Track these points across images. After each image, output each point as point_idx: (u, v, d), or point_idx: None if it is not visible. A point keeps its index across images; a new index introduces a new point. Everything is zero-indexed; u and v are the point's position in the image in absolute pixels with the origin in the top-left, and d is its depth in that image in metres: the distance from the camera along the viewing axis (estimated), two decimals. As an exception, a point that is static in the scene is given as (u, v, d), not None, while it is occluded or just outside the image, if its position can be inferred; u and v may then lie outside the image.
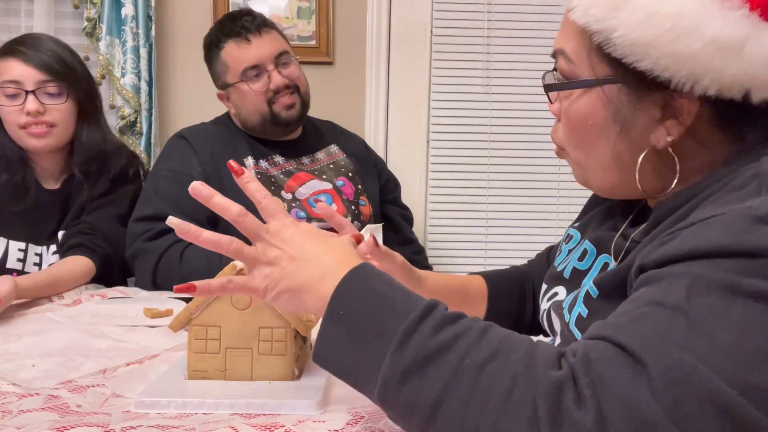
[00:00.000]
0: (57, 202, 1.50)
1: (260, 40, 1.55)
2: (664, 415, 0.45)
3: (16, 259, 1.44)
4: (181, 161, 1.55)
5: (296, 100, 1.58)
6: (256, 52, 1.55)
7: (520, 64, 2.12)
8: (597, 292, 0.70)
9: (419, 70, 2.13)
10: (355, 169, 1.70)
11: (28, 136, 1.43)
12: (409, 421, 0.53)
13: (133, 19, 1.98)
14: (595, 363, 0.48)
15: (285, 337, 0.75)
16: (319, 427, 0.64)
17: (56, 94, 1.44)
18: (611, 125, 0.68)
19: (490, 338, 0.53)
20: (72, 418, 0.66)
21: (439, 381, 0.51)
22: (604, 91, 0.67)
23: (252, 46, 1.55)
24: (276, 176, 1.59)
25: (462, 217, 2.16)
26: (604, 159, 0.70)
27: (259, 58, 1.55)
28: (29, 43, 1.45)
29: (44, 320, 1.09)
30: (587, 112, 0.69)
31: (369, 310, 0.56)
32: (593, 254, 0.79)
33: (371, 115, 2.12)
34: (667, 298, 0.51)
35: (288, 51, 1.59)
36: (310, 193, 1.58)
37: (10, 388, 0.75)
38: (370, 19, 2.10)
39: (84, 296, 1.28)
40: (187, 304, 0.77)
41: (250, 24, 1.56)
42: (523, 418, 0.48)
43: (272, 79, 1.55)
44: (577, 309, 0.72)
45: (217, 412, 0.68)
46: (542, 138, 2.14)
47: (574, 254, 0.83)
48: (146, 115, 2.01)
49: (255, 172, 1.56)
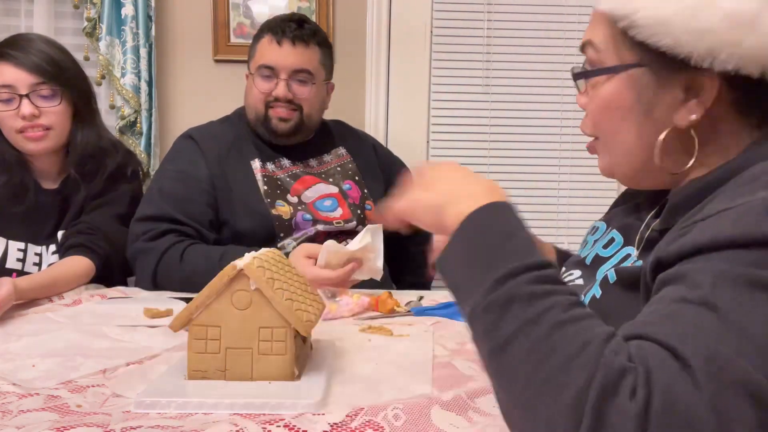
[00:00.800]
0: (56, 201, 1.50)
1: (291, 48, 1.57)
2: (705, 407, 0.46)
3: (16, 259, 1.44)
4: (189, 162, 1.56)
5: (293, 117, 1.58)
6: (278, 57, 1.57)
7: (520, 64, 2.12)
8: (615, 278, 0.72)
9: (419, 70, 2.13)
10: (360, 171, 1.70)
11: (24, 140, 1.43)
12: (481, 348, 0.57)
13: (133, 19, 1.98)
14: (649, 360, 0.50)
15: (285, 337, 0.75)
16: (318, 419, 0.64)
17: (50, 96, 1.43)
18: (636, 107, 0.71)
19: (579, 309, 0.55)
20: (72, 418, 0.66)
21: (518, 321, 0.54)
22: (629, 75, 0.71)
23: (279, 50, 1.57)
24: (282, 179, 1.59)
25: (462, 217, 2.16)
26: (629, 142, 0.73)
27: (277, 64, 1.56)
28: (20, 45, 1.44)
29: (44, 320, 1.09)
30: (613, 95, 0.72)
31: (492, 240, 0.61)
32: (619, 243, 0.82)
33: (371, 115, 2.12)
34: (692, 295, 0.53)
35: (311, 72, 1.59)
36: (316, 197, 1.59)
37: (10, 388, 0.75)
38: (370, 19, 2.10)
39: (84, 296, 1.28)
40: (187, 304, 0.77)
41: (291, 31, 1.57)
42: (575, 385, 0.49)
43: (278, 88, 1.57)
44: (592, 291, 0.75)
45: (217, 412, 0.68)
46: (542, 138, 2.14)
47: (600, 242, 0.85)
48: (146, 115, 2.01)
49: (261, 175, 1.57)
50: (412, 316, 1.16)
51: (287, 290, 0.77)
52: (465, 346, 0.96)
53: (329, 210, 1.59)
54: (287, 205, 1.55)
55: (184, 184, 1.50)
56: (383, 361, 0.87)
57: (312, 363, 0.83)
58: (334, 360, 0.86)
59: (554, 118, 2.12)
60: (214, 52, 2.10)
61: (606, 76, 0.73)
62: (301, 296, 0.80)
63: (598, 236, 0.88)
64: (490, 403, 0.70)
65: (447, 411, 0.68)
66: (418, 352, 0.91)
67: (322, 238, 1.50)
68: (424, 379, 0.80)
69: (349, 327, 1.07)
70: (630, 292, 0.69)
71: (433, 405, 0.69)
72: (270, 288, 0.74)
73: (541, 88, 2.11)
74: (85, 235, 1.44)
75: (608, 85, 0.73)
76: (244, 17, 2.10)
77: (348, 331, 1.04)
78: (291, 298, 0.76)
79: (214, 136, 1.62)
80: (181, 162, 1.57)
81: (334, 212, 1.58)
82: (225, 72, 2.11)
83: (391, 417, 0.65)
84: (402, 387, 0.77)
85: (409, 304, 1.22)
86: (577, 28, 2.10)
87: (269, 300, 0.74)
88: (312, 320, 0.78)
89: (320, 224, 1.54)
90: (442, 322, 1.09)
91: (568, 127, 2.12)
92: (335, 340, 0.95)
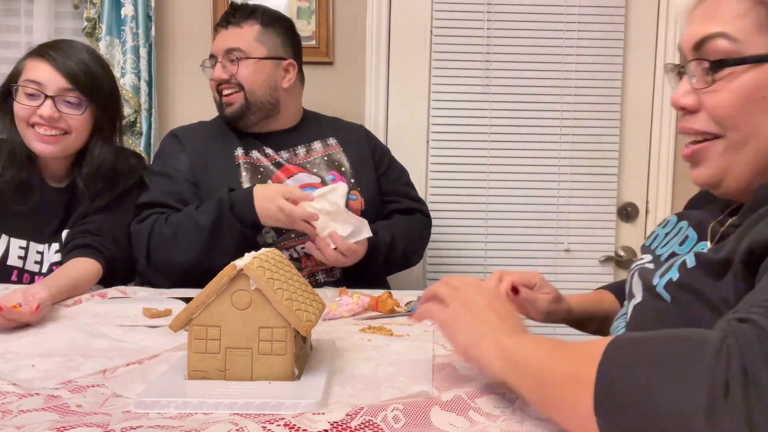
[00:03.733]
0: (62, 200, 1.50)
1: (225, 32, 1.62)
2: None
3: (17, 257, 1.44)
4: (170, 157, 1.62)
5: (238, 99, 1.61)
6: (216, 43, 1.64)
7: (520, 64, 2.12)
8: (695, 263, 0.73)
9: (419, 70, 2.13)
10: (350, 161, 1.69)
11: (34, 137, 1.43)
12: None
13: (132, 19, 1.98)
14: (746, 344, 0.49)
15: (285, 337, 0.75)
16: (318, 418, 0.64)
17: (75, 104, 1.44)
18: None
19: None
20: (72, 418, 0.66)
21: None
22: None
23: (218, 36, 1.64)
24: (265, 166, 1.61)
25: (462, 217, 2.16)
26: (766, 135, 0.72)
27: (215, 50, 1.63)
28: (62, 48, 1.45)
29: (44, 320, 1.09)
30: (760, 84, 0.71)
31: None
32: (693, 240, 0.83)
33: (371, 115, 2.12)
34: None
35: (242, 49, 1.60)
36: (297, 186, 1.58)
37: (10, 388, 0.75)
38: (370, 19, 2.10)
39: (84, 296, 1.28)
40: (187, 304, 0.77)
41: (225, 17, 1.63)
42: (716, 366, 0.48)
43: (214, 71, 1.63)
44: (669, 275, 0.76)
45: (217, 412, 0.68)
46: (542, 138, 2.14)
47: (676, 239, 0.87)
48: (146, 115, 2.01)
49: (243, 162, 1.60)
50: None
51: (287, 290, 0.77)
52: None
53: None
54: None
55: (167, 177, 1.57)
56: (383, 361, 0.87)
57: (312, 363, 0.83)
58: (334, 360, 0.86)
59: (554, 118, 2.12)
60: (214, 52, 2.10)
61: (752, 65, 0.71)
62: (301, 296, 0.80)
63: (669, 228, 0.90)
64: (491, 403, 0.70)
65: (447, 411, 0.68)
66: (418, 352, 0.91)
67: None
68: (424, 379, 0.80)
69: (349, 327, 1.07)
70: (708, 276, 0.71)
71: (433, 405, 0.69)
72: (270, 288, 0.74)
73: (541, 88, 2.11)
74: (93, 236, 1.44)
75: (751, 75, 0.71)
76: (244, 17, 2.09)
77: (348, 331, 1.04)
78: (291, 298, 0.76)
79: (197, 131, 1.68)
80: (163, 159, 1.63)
81: None
82: (225, 72, 2.11)
83: (390, 419, 0.65)
84: (402, 387, 0.77)
85: (409, 304, 1.22)
86: (577, 28, 2.10)
87: (269, 300, 0.74)
88: (312, 320, 0.78)
89: None
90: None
91: (568, 127, 2.12)
92: (335, 340, 0.95)
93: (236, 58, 1.60)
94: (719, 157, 0.76)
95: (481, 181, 2.15)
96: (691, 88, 0.77)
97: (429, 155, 2.15)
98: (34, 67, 1.42)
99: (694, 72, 0.77)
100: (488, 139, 2.15)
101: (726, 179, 0.77)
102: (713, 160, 0.77)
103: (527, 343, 0.65)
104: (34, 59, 1.44)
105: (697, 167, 0.80)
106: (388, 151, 1.85)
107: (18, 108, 1.43)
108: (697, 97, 0.76)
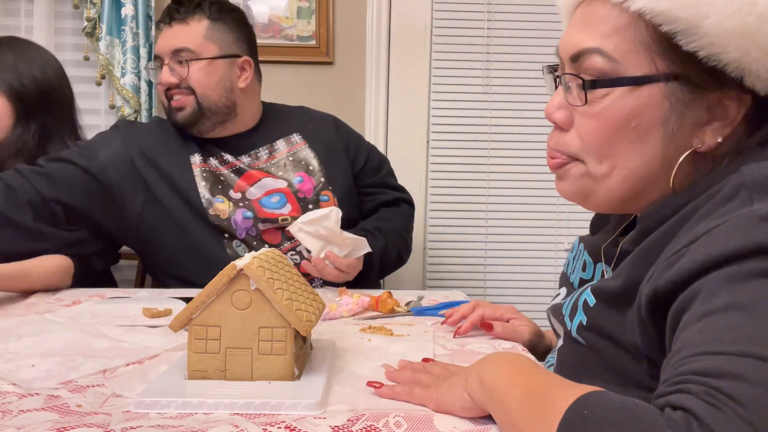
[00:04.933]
0: None
1: (170, 30, 1.45)
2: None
3: None
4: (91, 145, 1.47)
5: (189, 103, 1.45)
6: (159, 43, 1.47)
7: (520, 64, 2.12)
8: (594, 300, 0.70)
9: (419, 70, 2.13)
10: (318, 158, 1.56)
11: None
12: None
13: (133, 19, 1.98)
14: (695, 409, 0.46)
15: (285, 337, 0.75)
16: (320, 423, 0.64)
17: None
18: (658, 126, 0.64)
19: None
20: (72, 418, 0.65)
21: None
22: (659, 88, 0.63)
23: (161, 35, 1.47)
24: (225, 175, 1.49)
25: (462, 217, 2.16)
26: (634, 165, 0.66)
27: (160, 50, 1.47)
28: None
29: (44, 320, 1.09)
30: (633, 111, 0.64)
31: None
32: (591, 264, 0.80)
33: (371, 115, 2.12)
34: (713, 305, 0.50)
35: (191, 49, 1.43)
36: (262, 194, 1.48)
37: (10, 388, 0.75)
38: (370, 19, 2.10)
39: (83, 296, 1.28)
40: (187, 304, 0.77)
41: (168, 12, 1.45)
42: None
43: (161, 75, 1.46)
44: (578, 317, 0.73)
45: (217, 412, 0.68)
46: (542, 138, 2.14)
47: (578, 264, 0.84)
48: (146, 115, 2.01)
49: (201, 170, 1.47)
50: (412, 316, 1.16)
51: (287, 290, 0.77)
52: (465, 346, 0.96)
53: (276, 206, 1.47)
54: (227, 201, 1.45)
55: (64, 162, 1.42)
56: (383, 361, 0.87)
57: (312, 363, 0.83)
58: (334, 360, 0.86)
59: (554, 118, 2.12)
60: (214, 52, 2.10)
61: (628, 87, 0.64)
62: (301, 296, 0.80)
63: (575, 253, 0.87)
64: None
65: (450, 415, 0.68)
66: (418, 352, 0.91)
67: (269, 236, 1.45)
68: (424, 379, 0.80)
69: (349, 327, 1.07)
70: (612, 310, 0.67)
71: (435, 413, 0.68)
72: (270, 288, 0.74)
73: (541, 88, 2.10)
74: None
75: (627, 100, 0.64)
76: (244, 17, 2.09)
77: (348, 331, 1.04)
78: (291, 298, 0.76)
79: (149, 129, 1.52)
80: (88, 143, 1.48)
81: (282, 209, 1.47)
82: (225, 72, 2.11)
83: (392, 424, 0.65)
84: (402, 387, 0.77)
85: (409, 304, 1.22)
86: (577, 28, 2.10)
87: (269, 300, 0.74)
88: (312, 320, 0.78)
89: (262, 223, 1.44)
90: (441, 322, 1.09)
91: (568, 127, 2.12)
92: (335, 340, 0.95)
93: (185, 59, 1.43)
94: (580, 179, 0.71)
95: (481, 181, 2.15)
96: (564, 101, 0.71)
97: (429, 155, 2.15)
98: None
99: (570, 85, 0.70)
100: (488, 139, 2.15)
101: (590, 200, 0.72)
102: (576, 181, 0.72)
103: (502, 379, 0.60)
104: None
105: (560, 181, 0.74)
106: (361, 139, 1.71)
107: None
108: (569, 114, 0.70)
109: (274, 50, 2.06)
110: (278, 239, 1.47)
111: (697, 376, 0.47)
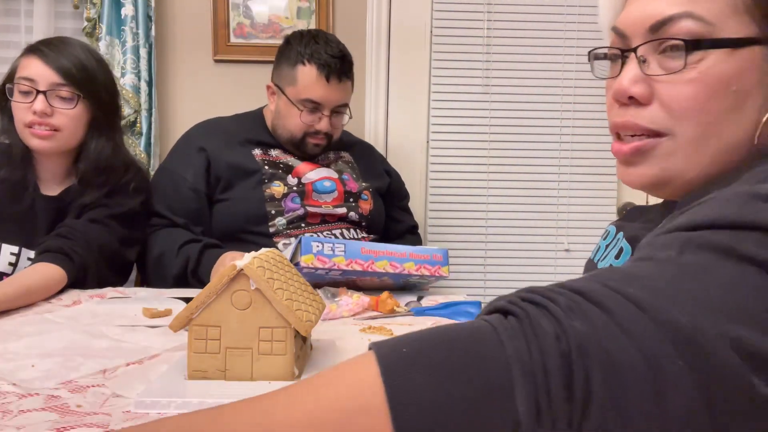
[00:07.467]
0: (51, 209, 1.47)
1: (337, 86, 1.61)
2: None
3: (8, 263, 1.41)
4: (179, 161, 1.65)
5: (325, 143, 1.66)
6: (325, 94, 1.61)
7: (520, 64, 2.12)
8: None
9: (419, 70, 2.13)
10: (360, 172, 1.76)
11: (31, 135, 1.43)
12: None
13: (133, 19, 1.98)
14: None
15: (285, 337, 0.75)
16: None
17: (67, 98, 1.44)
18: (756, 91, 0.61)
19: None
20: (72, 418, 0.66)
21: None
22: (754, 52, 0.61)
23: (327, 87, 1.60)
24: (284, 162, 1.66)
25: (462, 217, 2.16)
26: (729, 135, 0.62)
27: (324, 100, 1.61)
28: (55, 44, 1.45)
29: (44, 320, 1.09)
30: (735, 74, 0.61)
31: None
32: (628, 252, 0.77)
33: (371, 115, 2.12)
34: (657, 254, 0.48)
35: (347, 103, 1.67)
36: (317, 178, 1.65)
37: (10, 388, 0.75)
38: (370, 19, 2.10)
39: (83, 296, 1.28)
40: (187, 304, 0.77)
41: (338, 66, 1.60)
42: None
43: (321, 123, 1.62)
44: None
45: (217, 412, 0.68)
46: (542, 138, 2.14)
47: (612, 251, 0.81)
48: (146, 115, 2.01)
49: (261, 159, 1.64)
50: (412, 316, 1.16)
51: (287, 290, 0.77)
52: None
53: (327, 190, 1.66)
54: (283, 185, 1.62)
55: (173, 183, 1.62)
56: (383, 361, 0.87)
57: (312, 363, 0.83)
58: (334, 360, 0.86)
59: (554, 118, 2.12)
60: (213, 52, 2.10)
61: (727, 50, 0.61)
62: (301, 296, 0.80)
63: (609, 240, 0.84)
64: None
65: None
66: (418, 352, 0.91)
67: (312, 219, 1.61)
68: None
69: (349, 327, 1.07)
70: None
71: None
72: (270, 288, 0.74)
73: (541, 88, 2.11)
74: (64, 239, 1.39)
75: (725, 64, 0.61)
76: (244, 17, 2.10)
77: (348, 331, 1.04)
78: (291, 298, 0.76)
79: (217, 127, 1.71)
80: (173, 159, 1.68)
81: (331, 194, 1.66)
82: (225, 72, 2.11)
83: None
84: (402, 387, 0.76)
85: (409, 304, 1.23)
86: (577, 28, 2.10)
87: (269, 300, 0.74)
88: (312, 320, 0.78)
89: (309, 207, 1.61)
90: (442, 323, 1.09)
91: (568, 127, 2.12)
92: (335, 340, 0.95)
93: (342, 111, 1.66)
94: (669, 157, 0.65)
95: (481, 181, 2.15)
96: (641, 74, 0.65)
97: (429, 155, 2.15)
98: (27, 64, 1.43)
99: (647, 56, 0.65)
100: (488, 139, 2.15)
101: (673, 183, 0.66)
102: (660, 161, 0.66)
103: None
104: (27, 56, 1.44)
105: (636, 166, 0.68)
106: (398, 175, 1.92)
107: (14, 106, 1.43)
108: (648, 87, 0.65)
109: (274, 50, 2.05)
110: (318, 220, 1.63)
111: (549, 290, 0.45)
